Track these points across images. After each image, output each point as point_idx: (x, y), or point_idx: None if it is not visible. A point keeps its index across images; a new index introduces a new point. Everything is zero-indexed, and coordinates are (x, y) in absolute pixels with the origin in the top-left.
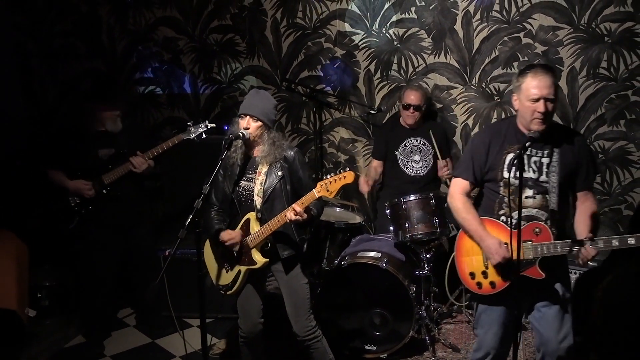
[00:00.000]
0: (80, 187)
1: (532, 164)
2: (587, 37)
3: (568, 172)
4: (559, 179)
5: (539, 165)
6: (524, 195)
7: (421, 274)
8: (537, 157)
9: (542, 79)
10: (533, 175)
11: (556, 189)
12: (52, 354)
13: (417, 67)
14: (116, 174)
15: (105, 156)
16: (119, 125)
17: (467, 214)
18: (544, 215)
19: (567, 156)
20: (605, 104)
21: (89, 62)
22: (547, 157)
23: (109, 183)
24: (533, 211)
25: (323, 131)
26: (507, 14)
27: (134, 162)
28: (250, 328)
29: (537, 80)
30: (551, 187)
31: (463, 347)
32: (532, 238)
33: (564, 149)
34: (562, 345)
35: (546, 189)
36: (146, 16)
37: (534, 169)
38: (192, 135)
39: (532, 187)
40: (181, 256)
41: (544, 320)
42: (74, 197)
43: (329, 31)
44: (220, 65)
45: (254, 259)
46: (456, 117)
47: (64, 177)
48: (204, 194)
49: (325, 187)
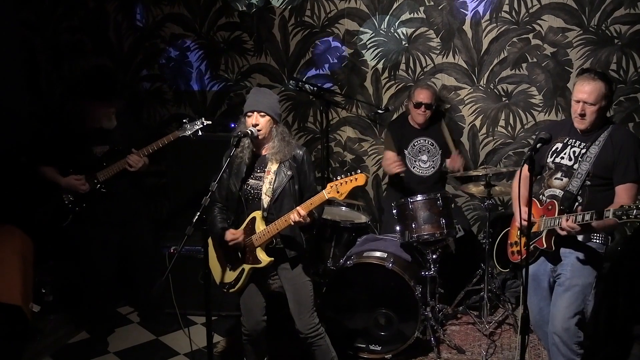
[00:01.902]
0: (73, 183)
1: (570, 153)
2: (597, 39)
3: (603, 165)
4: (589, 168)
5: (576, 155)
6: (554, 177)
7: (427, 275)
8: (577, 148)
9: (584, 84)
10: (568, 163)
11: (582, 176)
12: (56, 349)
13: (425, 67)
14: (111, 171)
15: (100, 153)
16: (114, 122)
17: (514, 190)
18: (561, 194)
19: (607, 151)
20: (614, 106)
21: (95, 59)
22: (584, 149)
23: (104, 180)
24: (556, 191)
25: (330, 130)
26: (517, 15)
27: (130, 160)
28: (254, 326)
29: (580, 85)
30: (577, 173)
31: (468, 348)
32: (546, 213)
33: (606, 145)
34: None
35: (572, 173)
36: (154, 13)
37: (570, 157)
38: (188, 132)
39: (564, 172)
40: (186, 253)
41: (553, 296)
42: (67, 195)
43: (337, 30)
44: (227, 63)
45: (258, 258)
46: (464, 117)
47: (56, 174)
48: (212, 191)
49: (336, 189)
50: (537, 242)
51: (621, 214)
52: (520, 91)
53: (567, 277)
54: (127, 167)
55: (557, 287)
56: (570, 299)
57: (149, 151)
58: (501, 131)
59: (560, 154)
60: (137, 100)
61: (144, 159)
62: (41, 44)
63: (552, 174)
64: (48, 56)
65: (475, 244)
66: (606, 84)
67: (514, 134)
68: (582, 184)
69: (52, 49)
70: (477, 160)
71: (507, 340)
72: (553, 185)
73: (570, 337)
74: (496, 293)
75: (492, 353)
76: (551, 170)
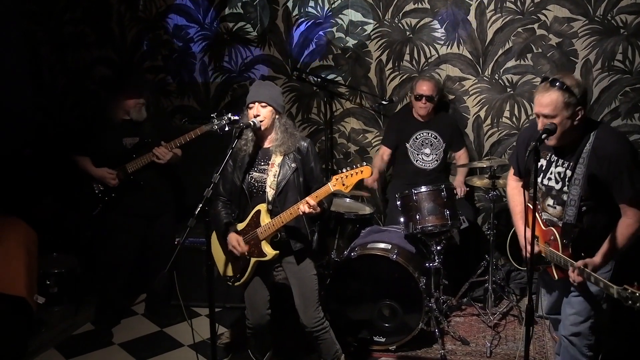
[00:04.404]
0: (105, 176)
1: (556, 174)
2: (603, 29)
3: (595, 187)
4: (580, 193)
5: (562, 177)
6: (546, 202)
7: (431, 266)
8: (562, 168)
9: (539, 96)
10: (556, 186)
11: (576, 202)
12: (60, 341)
13: (429, 57)
14: (140, 162)
15: (130, 145)
16: (144, 114)
17: (511, 201)
18: (559, 223)
19: (594, 170)
20: (619, 97)
21: (98, 51)
22: (570, 170)
23: (133, 172)
24: (554, 219)
25: (333, 122)
26: (522, 5)
27: (157, 152)
28: (258, 319)
29: (536, 97)
30: (570, 200)
31: (472, 340)
32: (549, 242)
33: (590, 162)
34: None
35: (564, 201)
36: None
37: (557, 179)
38: (215, 127)
39: (554, 197)
40: (190, 245)
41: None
42: (97, 185)
43: (341, 20)
44: (231, 54)
45: (264, 251)
46: (468, 108)
47: (89, 164)
48: (214, 183)
49: (341, 182)
50: (549, 269)
51: (626, 298)
52: (525, 82)
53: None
54: (155, 159)
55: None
56: (581, 305)
57: (176, 144)
58: (506, 122)
59: (547, 174)
60: None
61: (174, 151)
62: (44, 35)
63: (544, 197)
64: (51, 48)
65: (480, 235)
66: (563, 92)
67: (518, 125)
68: (577, 211)
69: (55, 41)
70: (482, 151)
71: (511, 331)
72: (548, 211)
73: (580, 340)
74: (500, 284)
75: (497, 345)
76: (542, 192)
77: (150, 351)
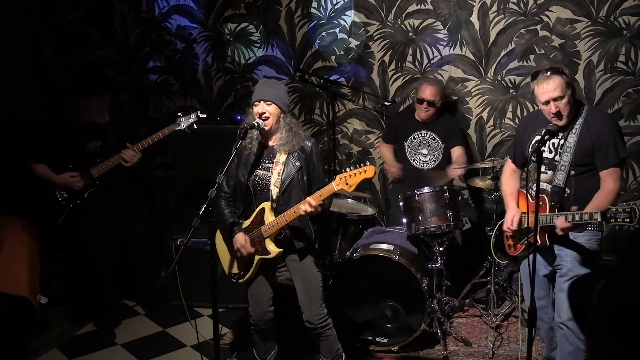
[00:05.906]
0: (69, 181)
1: (550, 145)
2: (605, 31)
3: (584, 153)
4: (570, 159)
5: (555, 147)
6: None
7: (433, 267)
8: (556, 139)
9: (544, 84)
10: (549, 155)
11: (566, 167)
12: (63, 341)
13: (432, 59)
14: (105, 166)
15: (93, 149)
16: (107, 116)
17: (504, 186)
18: (549, 187)
19: (585, 138)
20: (622, 98)
21: (101, 50)
22: (562, 139)
23: (98, 176)
24: (543, 185)
25: (336, 122)
26: (525, 6)
27: (125, 156)
28: (261, 316)
29: (540, 87)
30: (560, 166)
31: (475, 341)
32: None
33: (582, 132)
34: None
35: (555, 166)
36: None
37: (550, 149)
38: (183, 125)
39: (547, 164)
40: (192, 245)
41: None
42: (60, 192)
43: (344, 21)
44: (234, 55)
45: (268, 249)
46: (471, 109)
47: (49, 172)
48: (218, 184)
49: (345, 181)
50: (531, 238)
51: (609, 217)
52: (528, 83)
53: (568, 268)
54: (122, 162)
55: (559, 279)
56: (573, 289)
57: (144, 145)
58: (508, 123)
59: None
60: (143, 92)
61: (139, 154)
62: (47, 35)
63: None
64: (54, 48)
65: (482, 236)
66: (561, 75)
67: None
68: (567, 176)
69: (58, 41)
70: (484, 152)
71: (513, 332)
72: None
73: (577, 326)
74: (503, 285)
75: (499, 346)
76: (534, 164)
77: (153, 351)
